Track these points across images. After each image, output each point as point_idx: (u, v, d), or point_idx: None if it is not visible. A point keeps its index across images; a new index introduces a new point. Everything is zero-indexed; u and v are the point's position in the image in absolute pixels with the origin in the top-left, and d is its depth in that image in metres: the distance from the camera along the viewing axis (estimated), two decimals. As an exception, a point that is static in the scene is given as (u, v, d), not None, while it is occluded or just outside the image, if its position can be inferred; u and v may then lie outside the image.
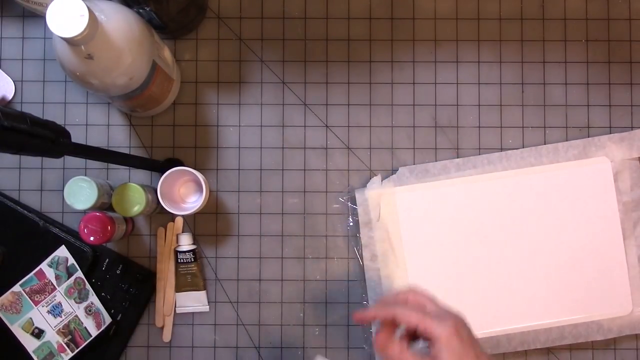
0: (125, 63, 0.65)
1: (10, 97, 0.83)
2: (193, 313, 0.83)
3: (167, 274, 0.83)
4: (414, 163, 0.84)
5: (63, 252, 0.79)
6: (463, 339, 0.54)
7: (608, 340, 0.83)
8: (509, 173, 0.82)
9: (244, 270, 0.83)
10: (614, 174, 0.82)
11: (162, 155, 0.84)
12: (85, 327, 0.79)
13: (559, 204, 0.82)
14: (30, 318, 0.78)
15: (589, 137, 0.84)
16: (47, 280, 0.79)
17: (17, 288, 0.78)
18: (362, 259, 0.82)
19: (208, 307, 0.83)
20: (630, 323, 0.81)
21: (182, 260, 0.81)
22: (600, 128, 0.84)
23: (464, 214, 0.82)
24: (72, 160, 0.83)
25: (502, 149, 0.84)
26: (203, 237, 0.84)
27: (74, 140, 0.59)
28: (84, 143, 0.83)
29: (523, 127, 0.84)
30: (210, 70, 0.85)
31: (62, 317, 0.79)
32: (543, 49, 0.85)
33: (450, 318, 0.56)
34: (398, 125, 0.84)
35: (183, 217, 0.83)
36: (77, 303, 0.79)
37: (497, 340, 0.81)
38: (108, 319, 0.80)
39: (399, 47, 0.85)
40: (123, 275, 0.81)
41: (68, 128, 0.85)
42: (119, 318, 0.81)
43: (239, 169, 0.84)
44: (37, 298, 0.78)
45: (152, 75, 0.71)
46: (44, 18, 0.56)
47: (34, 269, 0.79)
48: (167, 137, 0.84)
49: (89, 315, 0.80)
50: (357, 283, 0.83)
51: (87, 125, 0.84)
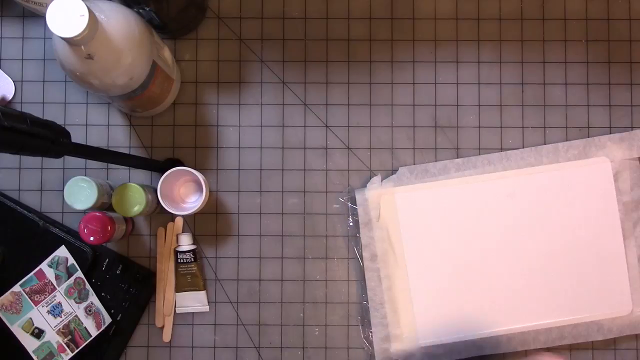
0: (125, 63, 0.65)
1: (10, 97, 0.83)
2: (193, 313, 0.83)
3: (167, 274, 0.83)
4: (414, 163, 0.84)
5: (63, 252, 0.79)
6: None
7: (608, 340, 0.83)
8: (509, 173, 0.82)
9: (244, 270, 0.83)
10: (614, 174, 0.82)
11: (162, 155, 0.84)
12: (85, 327, 0.79)
13: (559, 204, 0.82)
14: (30, 318, 0.78)
15: (589, 137, 0.84)
16: (47, 280, 0.79)
17: (17, 288, 0.78)
18: (362, 259, 0.82)
19: (208, 307, 0.83)
20: (630, 323, 0.81)
21: (182, 260, 0.81)
22: (600, 128, 0.84)
23: (464, 214, 0.82)
24: (72, 160, 0.83)
25: (502, 149, 0.84)
26: (203, 237, 0.84)
27: (74, 140, 0.59)
28: (84, 143, 0.83)
29: (523, 127, 0.84)
30: (210, 70, 0.85)
31: (62, 317, 0.79)
32: (543, 49, 0.85)
33: None
34: (398, 125, 0.84)
35: (183, 217, 0.83)
36: (77, 303, 0.79)
37: (497, 340, 0.81)
38: (108, 319, 0.80)
39: (399, 47, 0.85)
40: (123, 275, 0.81)
41: (68, 128, 0.85)
42: (119, 318, 0.81)
43: (239, 169, 0.84)
44: (37, 298, 0.78)
45: (152, 75, 0.71)
46: (44, 18, 0.56)
47: (34, 269, 0.79)
48: (167, 137, 0.84)
49: (89, 315, 0.80)
50: (357, 283, 0.83)
51: (87, 125, 0.84)
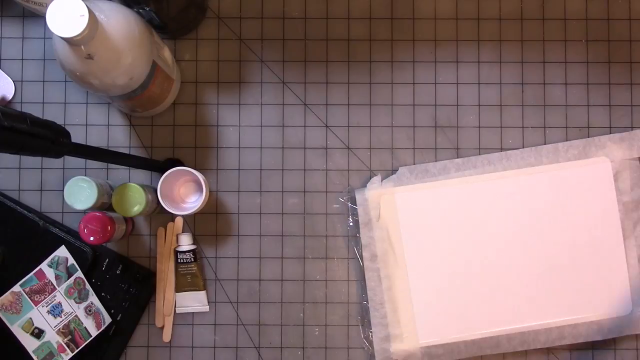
0: (125, 63, 0.65)
1: (10, 97, 0.83)
2: (193, 313, 0.83)
3: (167, 274, 0.83)
4: (414, 163, 0.84)
5: (63, 252, 0.79)
6: None
7: (608, 340, 0.83)
8: (509, 173, 0.82)
9: (244, 270, 0.83)
10: (614, 174, 0.82)
11: (162, 155, 0.84)
12: (85, 327, 0.79)
13: (559, 204, 0.82)
14: (30, 318, 0.78)
15: (589, 137, 0.84)
16: (47, 280, 0.79)
17: (17, 288, 0.78)
18: (362, 259, 0.82)
19: (208, 307, 0.83)
20: (630, 323, 0.81)
21: (182, 260, 0.81)
22: (600, 128, 0.84)
23: (464, 214, 0.82)
24: (72, 160, 0.83)
25: (502, 149, 0.84)
26: (203, 237, 0.84)
27: (74, 140, 0.60)
28: (84, 143, 0.83)
29: (523, 127, 0.84)
30: (210, 70, 0.85)
31: (62, 317, 0.79)
32: (543, 49, 0.85)
33: None
34: (398, 125, 0.84)
35: (183, 217, 0.83)
36: (77, 303, 0.79)
37: (497, 340, 0.81)
38: (108, 319, 0.80)
39: (399, 47, 0.85)
40: (123, 275, 0.81)
41: (68, 128, 0.85)
42: (119, 318, 0.81)
43: (239, 169, 0.84)
44: (37, 298, 0.78)
45: (152, 75, 0.71)
46: (44, 18, 0.56)
47: (34, 269, 0.79)
48: (167, 137, 0.84)
49: (89, 315, 0.80)
50: (357, 283, 0.83)
51: (87, 125, 0.84)
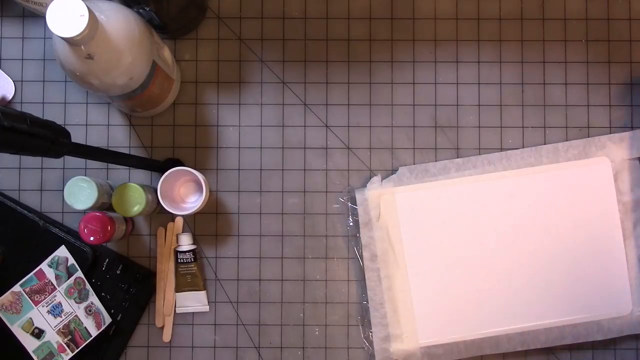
0: (125, 63, 0.65)
1: (10, 97, 0.83)
2: (193, 313, 0.83)
3: (167, 274, 0.83)
4: (414, 163, 0.84)
5: (63, 252, 0.79)
6: None
7: (608, 340, 0.82)
8: (509, 173, 0.82)
9: (244, 270, 0.83)
10: (614, 174, 0.82)
11: (162, 155, 0.84)
12: (85, 327, 0.79)
13: (559, 204, 0.82)
14: (30, 318, 0.78)
15: (589, 137, 0.84)
16: (47, 280, 0.79)
17: (17, 288, 0.78)
18: (362, 259, 0.82)
19: (208, 307, 0.83)
20: (630, 323, 0.81)
21: (182, 260, 0.81)
22: (600, 128, 0.84)
23: (464, 214, 0.82)
24: (72, 160, 0.83)
25: (502, 149, 0.84)
26: (203, 237, 0.84)
27: (74, 140, 0.60)
28: (84, 143, 0.83)
29: (523, 127, 0.84)
30: (210, 70, 0.85)
31: (62, 317, 0.79)
32: (543, 49, 0.85)
33: None
34: (398, 125, 0.84)
35: (183, 217, 0.83)
36: (77, 303, 0.79)
37: (497, 340, 0.81)
38: (108, 319, 0.80)
39: (399, 47, 0.85)
40: (123, 275, 0.81)
41: (68, 128, 0.85)
42: (119, 318, 0.81)
43: (239, 169, 0.84)
44: (37, 298, 0.78)
45: (152, 75, 0.71)
46: (44, 18, 0.56)
47: (34, 269, 0.79)
48: (167, 137, 0.84)
49: (89, 315, 0.80)
50: (357, 283, 0.83)
51: (87, 125, 0.84)
